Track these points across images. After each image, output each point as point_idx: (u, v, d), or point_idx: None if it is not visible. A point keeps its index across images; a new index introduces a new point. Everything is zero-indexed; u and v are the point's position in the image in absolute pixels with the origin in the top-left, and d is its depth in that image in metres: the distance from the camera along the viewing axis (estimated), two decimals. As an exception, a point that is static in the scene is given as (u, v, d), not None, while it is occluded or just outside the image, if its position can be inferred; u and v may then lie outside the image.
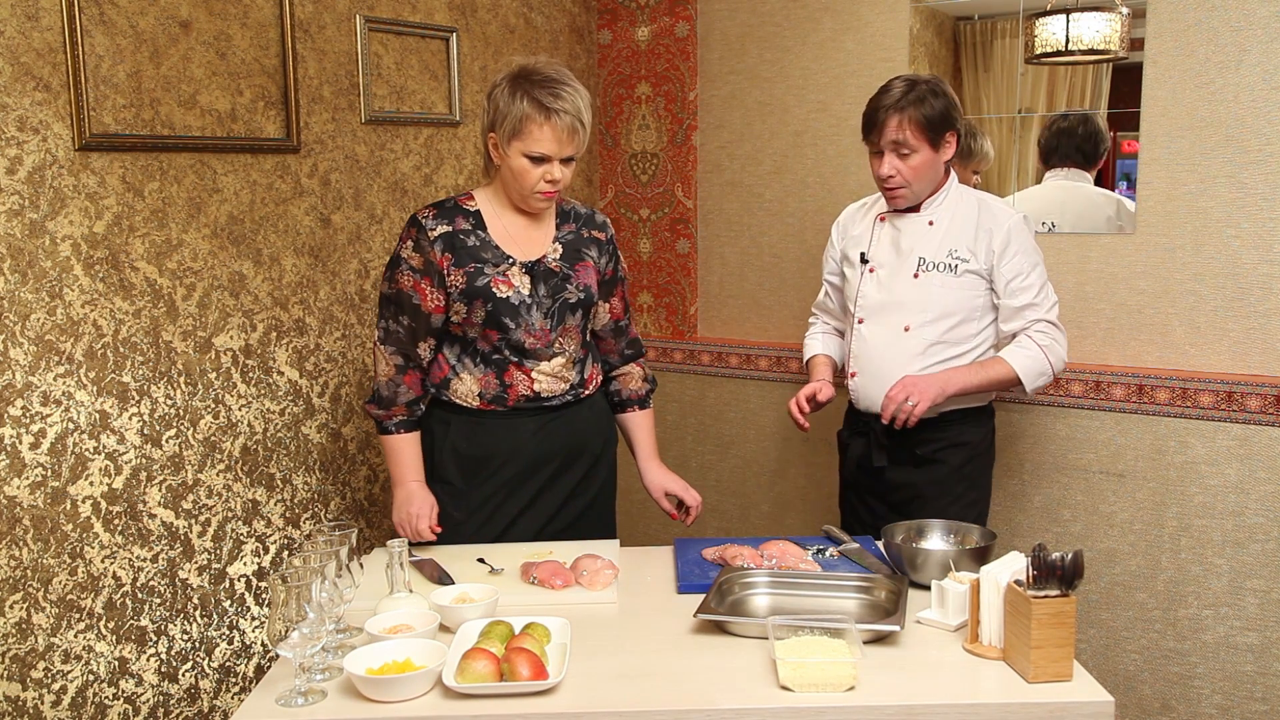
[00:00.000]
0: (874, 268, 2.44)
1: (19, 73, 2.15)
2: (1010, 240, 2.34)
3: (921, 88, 2.28)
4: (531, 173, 2.12)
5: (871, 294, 2.43)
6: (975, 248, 2.35)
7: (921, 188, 2.36)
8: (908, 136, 2.27)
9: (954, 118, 2.32)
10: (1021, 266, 2.34)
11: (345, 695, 1.59)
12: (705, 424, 3.55)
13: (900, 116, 2.27)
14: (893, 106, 2.27)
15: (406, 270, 2.17)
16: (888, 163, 2.32)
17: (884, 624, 1.73)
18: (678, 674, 1.64)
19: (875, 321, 2.42)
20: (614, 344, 2.42)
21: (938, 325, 2.36)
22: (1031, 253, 2.36)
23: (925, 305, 2.36)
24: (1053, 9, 2.77)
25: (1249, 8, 2.53)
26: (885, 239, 2.44)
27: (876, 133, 2.31)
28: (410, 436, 2.24)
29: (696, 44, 3.45)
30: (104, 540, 2.34)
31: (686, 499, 2.41)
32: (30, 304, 2.20)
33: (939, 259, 2.36)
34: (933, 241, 2.38)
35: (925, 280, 2.36)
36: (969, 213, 2.38)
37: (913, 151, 2.29)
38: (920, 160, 2.30)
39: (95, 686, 2.35)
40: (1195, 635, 2.70)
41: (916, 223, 2.41)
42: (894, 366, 2.36)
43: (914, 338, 2.37)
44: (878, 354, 2.41)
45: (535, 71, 2.12)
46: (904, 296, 2.38)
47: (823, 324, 2.68)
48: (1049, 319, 2.36)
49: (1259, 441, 2.57)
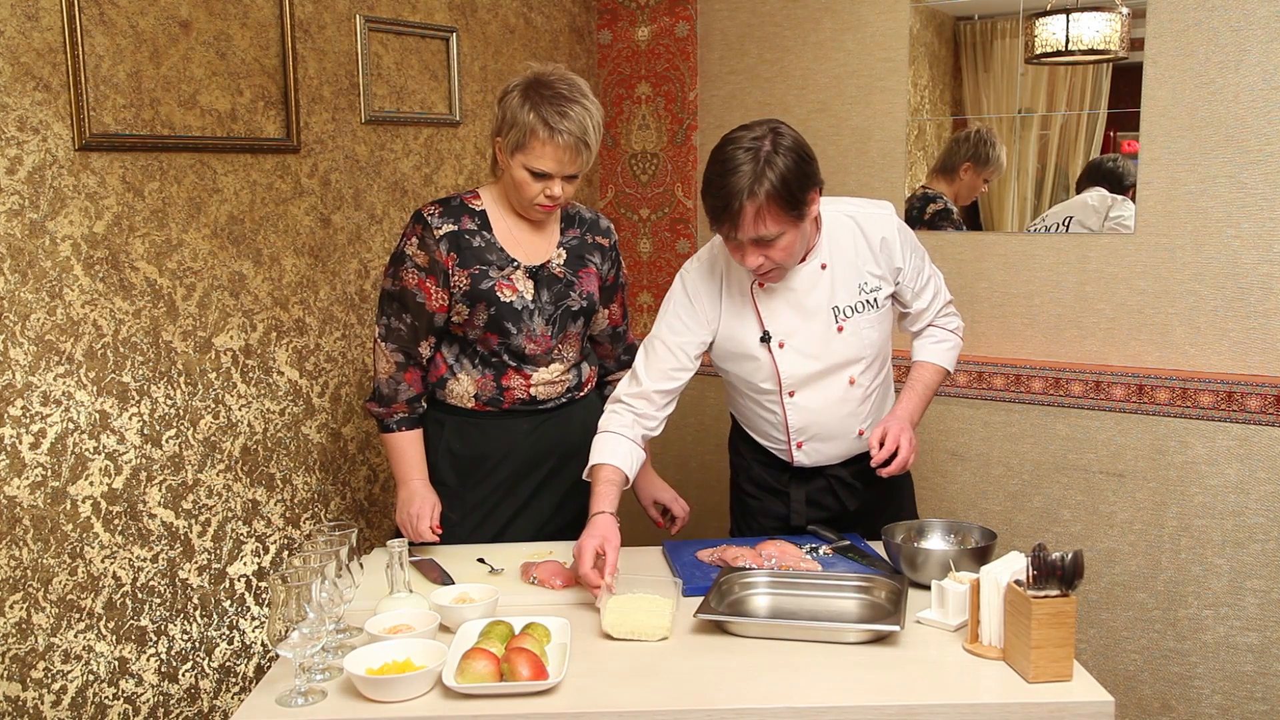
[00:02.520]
0: (783, 342, 2.12)
1: (19, 73, 2.15)
2: (902, 245, 2.15)
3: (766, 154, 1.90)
4: (531, 186, 2.11)
5: (797, 368, 2.14)
6: (880, 270, 2.14)
7: (796, 258, 2.05)
8: (770, 228, 1.93)
9: (812, 175, 1.96)
10: (918, 264, 2.19)
11: (345, 695, 1.59)
12: (704, 424, 3.55)
13: (757, 206, 1.90)
14: (746, 193, 1.90)
15: (411, 268, 2.16)
16: (752, 255, 1.98)
17: (883, 624, 1.73)
18: (678, 674, 1.64)
19: (810, 389, 2.16)
20: (611, 349, 2.42)
21: (875, 363, 2.19)
22: (916, 243, 2.20)
23: (861, 352, 2.15)
24: (1053, 9, 2.77)
25: (1249, 8, 2.53)
26: (778, 304, 2.12)
27: (732, 226, 1.94)
28: (412, 434, 2.24)
29: (696, 44, 3.45)
30: (104, 540, 2.34)
31: (674, 509, 2.41)
32: (30, 304, 2.20)
33: (853, 300, 2.12)
34: (837, 285, 2.11)
35: (852, 328, 2.12)
36: (852, 235, 2.13)
37: (779, 236, 1.95)
38: (789, 240, 1.97)
39: (95, 686, 2.35)
40: (1195, 635, 2.70)
41: (807, 273, 2.10)
42: (847, 421, 2.19)
43: (858, 387, 2.17)
44: (825, 416, 2.18)
45: (548, 85, 2.07)
46: (837, 355, 2.13)
47: (633, 416, 2.13)
48: (947, 298, 2.28)
49: (1259, 441, 2.57)
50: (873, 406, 2.23)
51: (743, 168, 1.91)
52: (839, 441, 2.22)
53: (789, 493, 2.30)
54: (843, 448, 2.24)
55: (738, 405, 2.33)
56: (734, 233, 1.96)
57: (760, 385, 2.19)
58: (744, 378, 2.20)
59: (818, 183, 1.99)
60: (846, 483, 2.27)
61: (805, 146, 1.97)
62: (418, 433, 2.25)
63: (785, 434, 2.22)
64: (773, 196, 1.90)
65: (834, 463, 2.26)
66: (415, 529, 2.16)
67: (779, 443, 2.26)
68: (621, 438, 2.11)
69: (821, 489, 2.29)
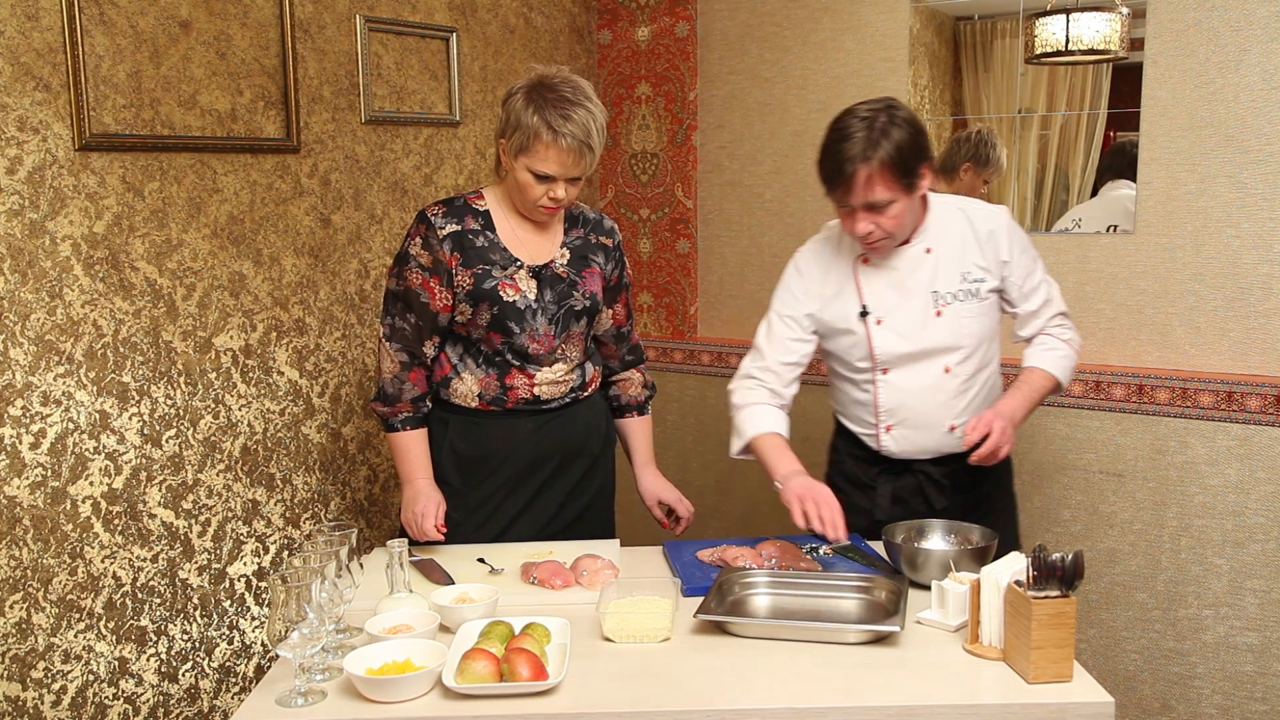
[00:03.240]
0: (881, 319, 2.17)
1: (19, 73, 2.15)
2: (1011, 240, 2.18)
3: (882, 123, 2.00)
4: (535, 188, 2.11)
5: (892, 347, 2.17)
6: (985, 263, 2.16)
7: (905, 231, 2.12)
8: (881, 193, 2.01)
9: (924, 149, 2.05)
10: (1028, 265, 2.20)
11: (345, 695, 1.59)
12: (705, 424, 3.55)
13: (869, 170, 1.99)
14: (860, 158, 1.99)
15: (415, 267, 2.17)
16: (863, 221, 2.05)
17: (884, 624, 1.73)
18: (678, 674, 1.64)
19: (905, 369, 2.18)
20: (615, 350, 2.42)
21: (975, 356, 2.18)
22: (1029, 245, 2.22)
23: (959, 341, 2.16)
24: (1053, 9, 2.77)
25: (1249, 8, 2.53)
26: (879, 282, 2.18)
27: (845, 191, 2.03)
28: (417, 434, 2.24)
29: (696, 44, 3.45)
30: (104, 540, 2.34)
31: (679, 509, 2.41)
32: (30, 304, 2.20)
33: (954, 287, 2.15)
34: (939, 270, 2.16)
35: (951, 315, 2.15)
36: (959, 225, 2.18)
37: (890, 203, 2.03)
38: (899, 209, 2.05)
39: (95, 686, 2.35)
40: (1195, 635, 2.70)
41: (911, 255, 2.17)
42: (939, 410, 2.18)
43: (954, 377, 2.17)
44: (917, 401, 2.18)
45: (552, 88, 2.07)
46: (933, 339, 2.16)
47: (767, 390, 2.25)
48: (1062, 310, 2.25)
49: (1259, 441, 2.57)
50: (970, 404, 2.20)
51: (857, 134, 2.00)
52: (929, 432, 2.20)
53: (876, 487, 2.27)
54: (933, 440, 2.21)
55: (835, 391, 2.34)
56: (846, 197, 2.04)
57: (856, 364, 2.22)
58: (841, 355, 2.24)
59: (929, 157, 2.07)
60: (936, 481, 2.23)
61: (919, 122, 2.07)
62: (422, 432, 2.25)
63: (875, 416, 2.23)
64: (885, 163, 1.99)
65: (924, 457, 2.23)
66: (420, 528, 2.15)
67: (869, 427, 2.25)
68: (767, 406, 2.22)
69: (910, 488, 2.25)
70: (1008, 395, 2.19)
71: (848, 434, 2.34)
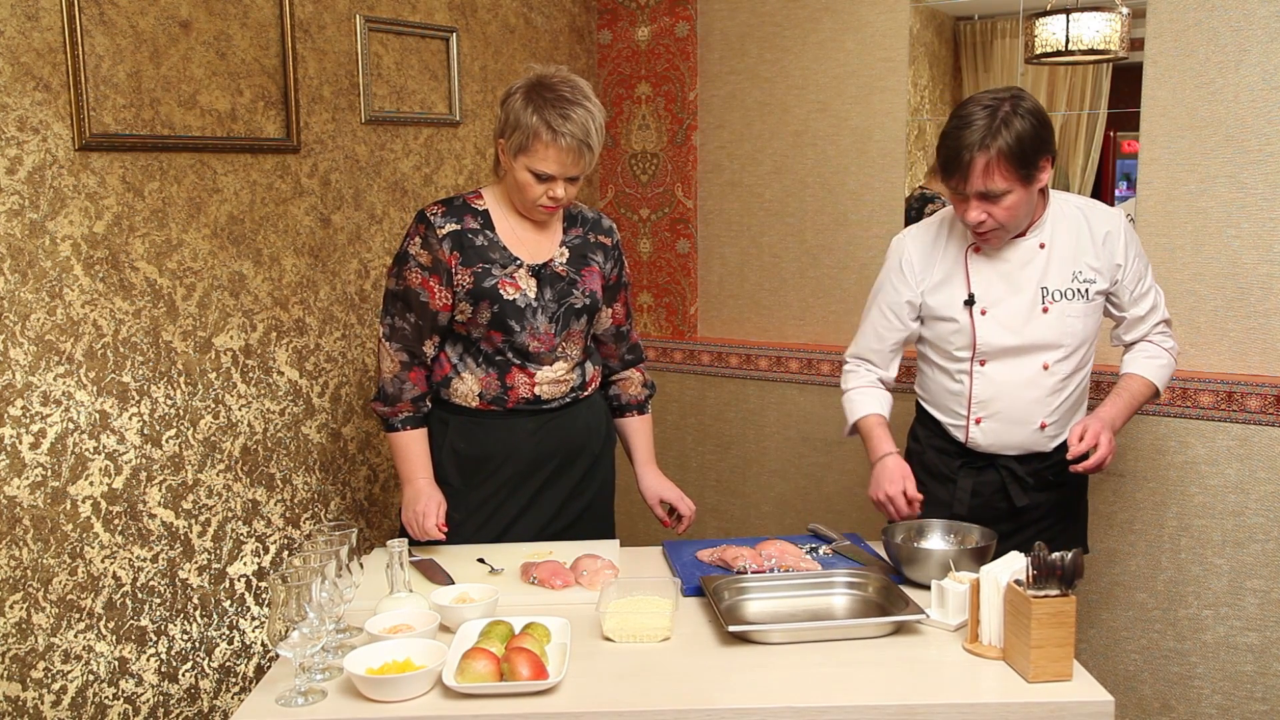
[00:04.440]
0: (986, 309, 2.15)
1: (19, 73, 2.15)
2: (1127, 244, 2.15)
3: (1005, 112, 1.99)
4: (535, 188, 2.12)
5: (995, 338, 2.15)
6: (1098, 264, 2.14)
7: (1019, 224, 2.10)
8: (997, 183, 1.99)
9: (1046, 142, 2.03)
10: (1141, 270, 2.18)
11: (345, 695, 1.59)
12: (705, 424, 3.55)
13: (988, 158, 1.97)
14: (979, 146, 1.97)
15: (415, 267, 2.17)
16: (976, 209, 2.04)
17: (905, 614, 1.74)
18: (678, 674, 1.64)
19: (1003, 363, 2.17)
20: (615, 349, 2.42)
21: (1075, 356, 2.16)
22: (1142, 251, 2.19)
23: (1062, 339, 2.14)
24: (1053, 9, 2.77)
25: (1249, 8, 2.53)
26: (988, 272, 2.16)
27: (961, 178, 2.02)
28: (417, 433, 2.24)
29: (696, 44, 3.45)
30: (104, 540, 2.34)
31: (681, 508, 2.41)
32: (30, 304, 2.20)
33: (1064, 285, 2.13)
34: (1051, 267, 2.14)
35: (1057, 312, 2.13)
36: (1076, 224, 2.15)
37: (1005, 194, 2.01)
38: (1014, 200, 2.02)
39: (95, 686, 2.35)
40: (1195, 635, 2.70)
41: (1025, 249, 2.15)
42: (1032, 407, 2.17)
43: (1052, 375, 2.16)
44: (1012, 396, 2.17)
45: (550, 87, 2.08)
46: (1038, 335, 2.14)
47: (866, 373, 2.34)
48: (1165, 317, 2.24)
49: (1259, 441, 2.57)
50: (1063, 405, 2.19)
51: (978, 122, 1.99)
52: (1019, 428, 2.19)
53: (956, 480, 2.27)
54: (1022, 436, 2.20)
55: (925, 379, 2.33)
56: (963, 185, 2.02)
57: (954, 352, 2.21)
58: (939, 343, 2.23)
59: (1051, 151, 2.05)
60: (1020, 478, 2.22)
61: (1044, 113, 2.04)
62: (422, 432, 2.25)
63: (967, 408, 2.22)
64: (1004, 153, 1.97)
65: (1010, 453, 2.22)
66: (421, 527, 2.15)
67: (958, 418, 2.24)
68: (870, 389, 2.31)
69: (992, 483, 2.24)
70: (1108, 402, 2.18)
71: (932, 424, 2.32)
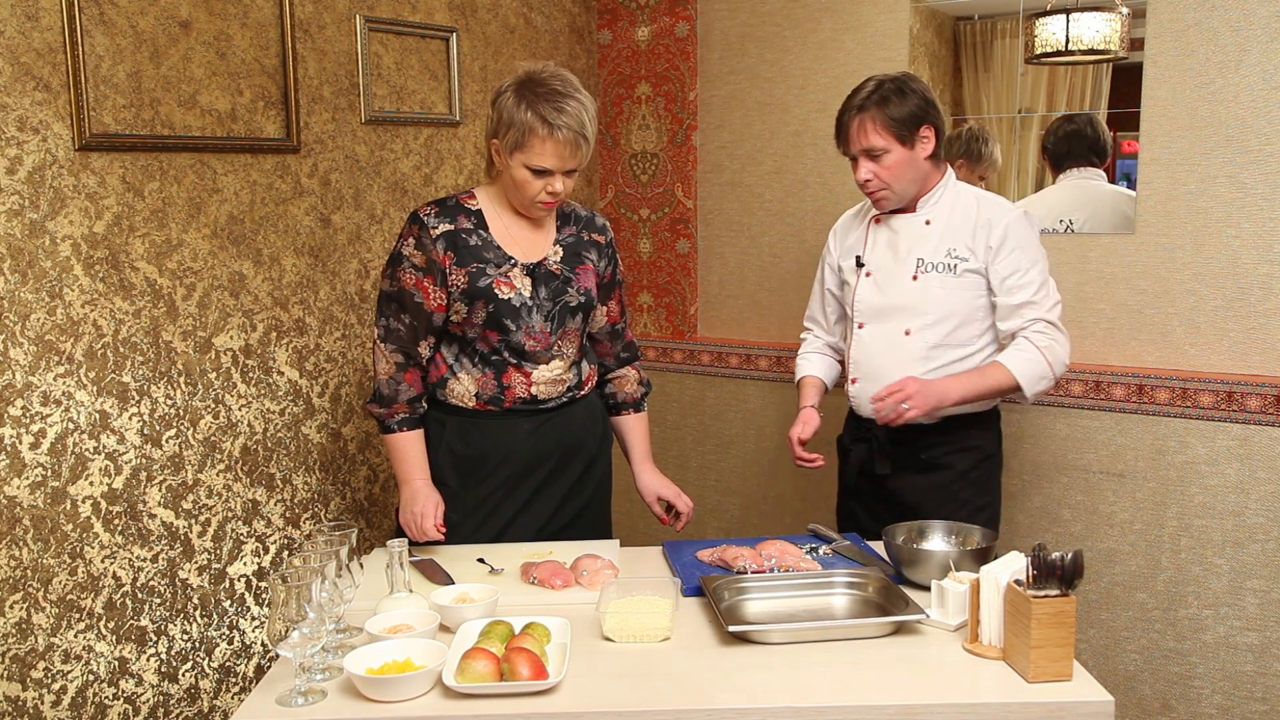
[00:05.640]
0: (870, 271, 2.39)
1: (19, 73, 2.15)
2: (1008, 236, 2.27)
3: (887, 86, 2.24)
4: (533, 184, 2.12)
5: (869, 298, 2.39)
6: (974, 245, 2.29)
7: (905, 188, 2.31)
8: (874, 139, 2.23)
9: (926, 113, 2.25)
10: (1019, 263, 2.27)
11: (345, 695, 1.59)
12: (705, 424, 3.55)
13: (862, 117, 2.24)
14: (856, 109, 2.25)
15: (408, 268, 2.17)
16: (863, 168, 2.28)
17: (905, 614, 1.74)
18: (678, 674, 1.64)
19: (874, 326, 2.38)
20: (610, 347, 2.42)
21: (939, 328, 2.31)
22: (1031, 249, 2.29)
23: (925, 307, 2.31)
24: (1053, 9, 2.77)
25: (1249, 8, 2.53)
26: (881, 241, 2.40)
27: (844, 140, 2.29)
28: (413, 434, 2.24)
29: (696, 44, 3.45)
30: (104, 540, 2.34)
31: (678, 505, 2.41)
32: (30, 304, 2.20)
33: (937, 259, 2.31)
34: (930, 241, 2.33)
35: (925, 281, 2.31)
36: (967, 210, 2.32)
37: (884, 152, 2.24)
38: (895, 160, 2.25)
39: (95, 686, 2.35)
40: (1195, 635, 2.70)
41: (913, 223, 2.36)
42: (895, 370, 2.31)
43: (915, 341, 2.32)
44: (878, 358, 2.36)
45: (541, 82, 2.09)
46: (903, 299, 2.34)
47: (814, 338, 2.63)
48: (1048, 319, 2.28)
49: (1259, 441, 2.57)
50: (926, 371, 2.31)
51: (862, 91, 2.27)
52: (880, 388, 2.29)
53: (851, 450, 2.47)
54: None
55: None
56: (847, 147, 2.30)
57: (851, 314, 2.45)
58: (846, 307, 2.48)
59: (934, 123, 2.27)
60: (883, 445, 2.37)
61: (928, 91, 2.28)
62: (419, 433, 2.25)
63: (847, 365, 2.46)
64: (879, 114, 2.22)
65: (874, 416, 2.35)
66: (419, 528, 2.16)
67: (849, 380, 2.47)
68: (815, 355, 2.59)
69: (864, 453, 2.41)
70: (953, 375, 2.31)
71: None
